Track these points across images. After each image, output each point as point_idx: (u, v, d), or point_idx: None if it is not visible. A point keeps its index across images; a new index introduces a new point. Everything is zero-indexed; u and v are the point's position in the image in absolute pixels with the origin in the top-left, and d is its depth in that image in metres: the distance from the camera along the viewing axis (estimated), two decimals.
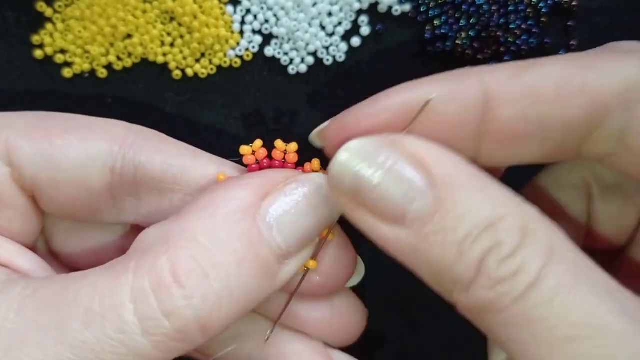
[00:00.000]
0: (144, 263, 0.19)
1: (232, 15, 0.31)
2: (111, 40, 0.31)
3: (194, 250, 0.19)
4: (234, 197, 0.20)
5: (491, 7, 0.31)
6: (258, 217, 0.19)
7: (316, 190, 0.21)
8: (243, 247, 0.19)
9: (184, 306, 0.18)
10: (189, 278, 0.18)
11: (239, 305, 0.19)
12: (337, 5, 0.31)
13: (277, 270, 0.20)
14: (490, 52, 0.31)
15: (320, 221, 0.21)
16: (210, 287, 0.18)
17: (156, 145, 0.23)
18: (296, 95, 0.32)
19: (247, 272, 0.19)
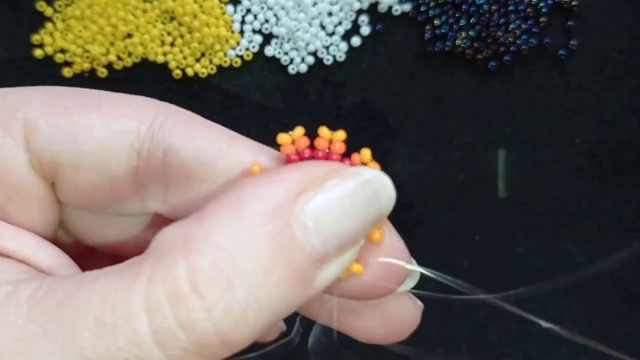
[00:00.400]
0: (159, 269, 0.17)
1: (232, 14, 0.31)
2: (111, 39, 0.31)
3: (215, 256, 0.17)
4: (265, 194, 0.18)
5: (491, 7, 0.31)
6: (292, 217, 0.17)
7: (363, 187, 0.18)
8: (273, 251, 0.17)
9: (203, 319, 0.16)
10: (209, 287, 0.16)
11: (267, 315, 0.17)
12: (337, 5, 0.31)
13: (314, 276, 0.17)
14: (490, 52, 0.31)
15: (366, 222, 0.18)
16: (233, 297, 0.16)
17: (189, 127, 0.20)
18: (296, 95, 0.32)
19: (277, 280, 0.17)
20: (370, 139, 0.33)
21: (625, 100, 0.32)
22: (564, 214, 0.34)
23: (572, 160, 0.33)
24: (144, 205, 0.22)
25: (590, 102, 0.32)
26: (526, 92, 0.32)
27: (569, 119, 0.32)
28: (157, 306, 0.16)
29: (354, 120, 0.33)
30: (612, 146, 0.33)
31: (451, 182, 0.33)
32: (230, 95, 0.32)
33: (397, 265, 0.20)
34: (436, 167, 0.33)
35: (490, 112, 0.32)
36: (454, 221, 0.33)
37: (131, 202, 0.22)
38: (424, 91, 0.32)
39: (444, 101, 0.32)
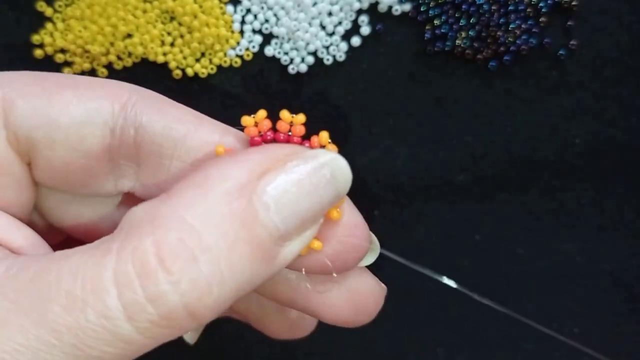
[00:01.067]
0: (128, 245, 0.18)
1: (232, 14, 0.31)
2: (111, 39, 0.31)
3: (181, 232, 0.17)
4: (229, 175, 0.19)
5: (491, 7, 0.31)
6: (254, 197, 0.18)
7: (320, 168, 0.19)
8: (236, 228, 0.18)
9: (170, 292, 0.17)
10: (176, 262, 0.17)
11: (232, 289, 0.18)
12: (337, 5, 0.31)
13: (276, 253, 0.18)
14: (490, 52, 0.31)
15: (324, 202, 0.19)
16: (199, 271, 0.17)
17: (159, 106, 0.21)
18: (296, 95, 0.32)
19: (240, 256, 0.18)
20: (370, 139, 0.33)
21: (625, 100, 0.32)
22: (564, 214, 0.34)
23: (572, 159, 0.33)
24: (117, 184, 0.23)
25: (590, 102, 0.32)
26: (526, 92, 0.32)
27: (569, 119, 0.32)
28: (126, 280, 0.17)
29: (353, 120, 0.33)
30: (612, 146, 0.33)
31: (451, 182, 0.33)
32: (230, 95, 0.32)
33: (356, 241, 0.21)
34: (436, 167, 0.33)
35: (490, 112, 0.32)
36: (454, 221, 0.33)
37: (105, 181, 0.22)
38: (424, 91, 0.32)
39: (444, 101, 0.32)
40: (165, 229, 0.18)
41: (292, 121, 0.21)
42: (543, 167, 0.33)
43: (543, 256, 0.34)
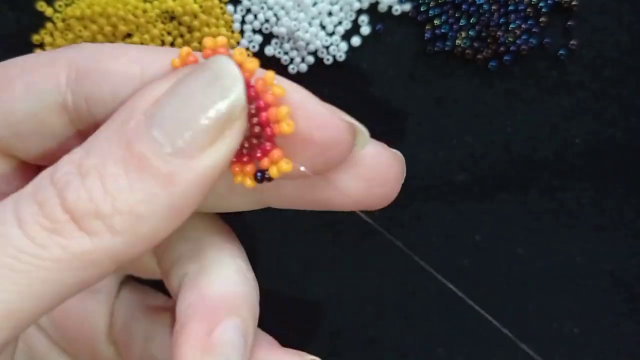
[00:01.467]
0: (32, 183, 0.18)
1: (232, 14, 0.31)
2: (111, 39, 0.31)
3: (73, 156, 0.17)
4: (127, 105, 0.18)
5: (491, 7, 0.31)
6: (141, 118, 0.17)
7: (199, 72, 0.17)
8: (121, 149, 0.17)
9: (53, 198, 0.17)
10: (62, 177, 0.17)
11: (135, 217, 0.17)
12: (337, 5, 0.31)
13: (171, 171, 0.17)
14: (490, 52, 0.31)
15: (210, 106, 0.17)
16: (83, 186, 0.17)
17: (99, 66, 0.19)
18: None
19: (126, 175, 0.17)
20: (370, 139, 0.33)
21: (625, 100, 0.32)
22: (564, 214, 0.34)
23: (572, 159, 0.33)
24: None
25: (590, 102, 0.32)
26: (526, 92, 0.32)
27: (569, 119, 0.32)
28: (20, 197, 0.17)
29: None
30: (612, 146, 0.33)
31: (451, 182, 0.33)
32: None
33: (329, 138, 0.19)
34: (436, 167, 0.33)
35: (490, 112, 0.32)
36: (454, 221, 0.33)
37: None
38: (424, 91, 0.32)
39: (444, 101, 0.32)
40: (63, 159, 0.17)
41: (216, 44, 0.18)
42: (543, 167, 0.33)
43: (543, 256, 0.34)
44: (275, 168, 0.19)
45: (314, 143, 0.19)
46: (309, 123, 0.18)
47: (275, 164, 0.19)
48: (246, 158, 0.19)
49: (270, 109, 0.18)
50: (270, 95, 0.18)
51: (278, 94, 0.18)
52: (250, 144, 0.19)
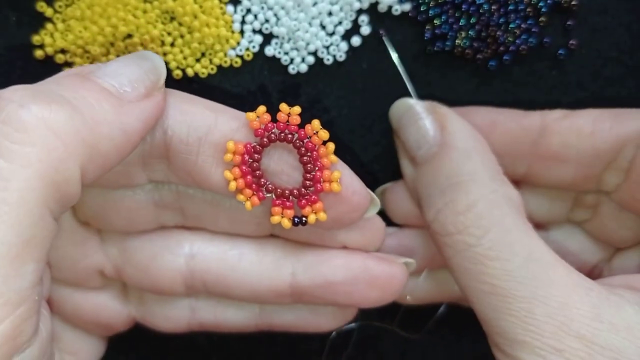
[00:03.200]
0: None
1: (232, 14, 0.31)
2: (111, 40, 0.31)
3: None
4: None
5: (491, 7, 0.31)
6: (94, 76, 0.23)
7: (135, 54, 0.26)
8: (92, 92, 0.22)
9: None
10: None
11: (96, 118, 0.22)
12: (338, 5, 0.31)
13: (122, 102, 0.23)
14: (490, 52, 0.31)
15: (142, 69, 0.24)
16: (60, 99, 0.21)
17: (181, 107, 0.25)
18: (296, 94, 0.32)
19: (95, 102, 0.22)
20: (370, 139, 0.33)
21: (624, 100, 0.32)
22: None
23: None
24: (149, 177, 0.27)
25: (590, 101, 0.32)
26: (526, 91, 0.32)
27: None
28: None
29: (354, 120, 0.33)
30: None
31: None
32: (231, 95, 0.32)
33: (358, 202, 0.26)
34: None
35: None
36: None
37: (138, 177, 0.26)
38: (424, 91, 0.32)
39: (444, 101, 0.32)
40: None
41: (290, 112, 0.25)
42: None
43: None
44: (314, 216, 0.25)
45: (350, 203, 0.26)
46: (349, 188, 0.26)
47: (316, 213, 0.25)
48: (289, 203, 0.25)
49: (325, 170, 0.25)
50: (327, 160, 0.25)
51: (333, 161, 0.25)
52: (299, 192, 0.25)
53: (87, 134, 0.21)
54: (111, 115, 0.22)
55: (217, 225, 0.29)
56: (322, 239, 0.28)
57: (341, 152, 0.26)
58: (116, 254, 0.29)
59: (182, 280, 0.29)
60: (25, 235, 0.20)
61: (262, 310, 0.31)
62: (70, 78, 0.23)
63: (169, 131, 0.25)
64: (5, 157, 0.20)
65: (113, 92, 0.23)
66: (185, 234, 0.29)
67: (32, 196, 0.20)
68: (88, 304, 0.30)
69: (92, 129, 0.21)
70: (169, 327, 0.31)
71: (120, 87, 0.23)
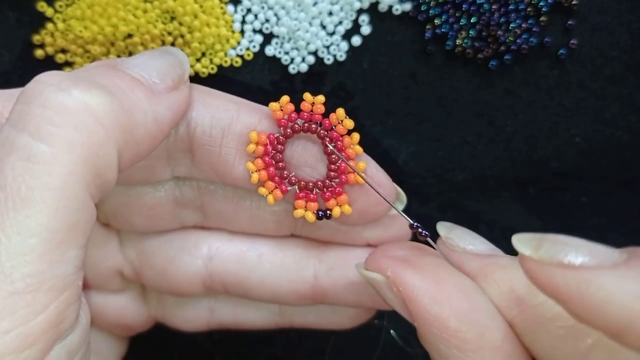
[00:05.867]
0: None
1: (232, 14, 0.31)
2: (112, 39, 0.31)
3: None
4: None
5: (491, 6, 0.31)
6: (123, 67, 0.23)
7: (165, 48, 0.26)
8: (123, 81, 0.22)
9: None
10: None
11: (133, 105, 0.22)
12: (338, 5, 0.31)
13: (153, 92, 0.23)
14: (490, 51, 0.31)
15: (169, 64, 0.25)
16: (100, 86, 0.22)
17: (203, 99, 0.25)
18: (297, 94, 0.32)
19: (128, 90, 0.22)
20: (371, 139, 0.33)
21: (625, 99, 0.32)
22: (564, 214, 0.34)
23: (572, 159, 0.33)
24: (173, 172, 0.27)
25: (590, 101, 0.32)
26: (526, 91, 0.32)
27: (569, 118, 0.32)
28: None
29: (354, 120, 0.33)
30: (612, 145, 0.33)
31: (451, 182, 0.33)
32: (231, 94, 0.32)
33: (391, 193, 0.26)
34: (436, 167, 0.33)
35: (490, 111, 0.32)
36: (454, 221, 0.33)
37: (162, 171, 0.26)
38: (424, 91, 0.32)
39: (444, 101, 0.32)
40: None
41: (314, 101, 0.25)
42: (543, 167, 0.33)
43: None
44: (338, 209, 0.25)
45: (374, 196, 0.25)
46: (374, 179, 0.25)
47: (341, 206, 0.25)
48: (313, 195, 0.25)
49: (350, 161, 0.24)
50: (352, 151, 0.24)
51: (358, 152, 0.24)
52: (323, 184, 0.25)
53: (124, 120, 0.21)
54: (145, 103, 0.22)
55: (237, 224, 0.28)
56: (345, 237, 0.28)
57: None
58: (134, 256, 0.29)
59: (200, 282, 0.29)
60: (69, 221, 0.19)
61: (283, 310, 0.30)
62: (101, 68, 0.23)
63: (193, 123, 0.25)
64: (47, 141, 0.19)
65: (143, 82, 0.23)
66: (204, 234, 0.29)
67: (75, 181, 0.19)
68: (110, 306, 0.30)
69: (128, 115, 0.21)
70: (189, 328, 0.31)
71: (150, 79, 0.23)
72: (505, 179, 0.33)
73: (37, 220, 0.19)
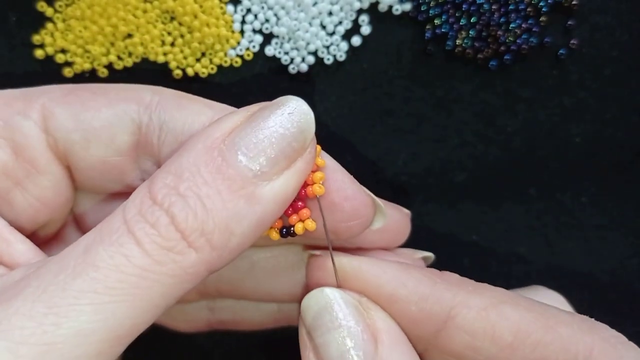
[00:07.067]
0: (130, 200, 0.20)
1: (232, 14, 0.31)
2: (112, 39, 0.31)
3: (167, 180, 0.20)
4: (206, 135, 0.21)
5: (491, 6, 0.31)
6: (222, 146, 0.20)
7: (280, 111, 0.21)
8: (212, 171, 0.20)
9: (163, 216, 0.19)
10: (164, 198, 0.20)
11: (221, 221, 0.20)
12: (338, 5, 0.31)
13: (254, 191, 0.20)
14: (490, 51, 0.31)
15: (288, 139, 0.21)
16: (184, 202, 0.20)
17: (178, 103, 0.24)
18: (297, 94, 0.32)
19: (219, 192, 0.20)
20: (371, 139, 0.33)
21: (625, 100, 0.32)
22: (564, 214, 0.34)
23: (572, 159, 0.33)
24: (142, 177, 0.25)
25: (590, 101, 0.32)
26: (526, 91, 0.32)
27: (569, 118, 0.32)
28: (132, 217, 0.19)
29: (354, 120, 0.33)
30: (612, 145, 0.33)
31: (451, 182, 0.33)
32: (231, 95, 0.32)
33: (353, 210, 0.23)
34: (436, 167, 0.33)
35: (490, 111, 0.32)
36: (454, 221, 0.33)
37: (132, 176, 0.25)
38: (424, 91, 0.32)
39: (444, 101, 0.32)
40: (154, 179, 0.20)
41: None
42: (543, 167, 0.33)
43: (543, 256, 0.34)
44: (301, 225, 0.23)
45: (342, 210, 0.23)
46: (340, 193, 0.23)
47: (302, 221, 0.23)
48: None
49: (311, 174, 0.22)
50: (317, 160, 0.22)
51: (319, 164, 0.22)
52: None
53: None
54: (244, 223, 0.20)
55: None
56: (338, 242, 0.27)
57: (341, 152, 0.26)
58: None
59: (194, 291, 0.28)
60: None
61: (281, 306, 0.30)
62: (206, 160, 0.20)
63: (165, 126, 0.24)
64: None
65: (248, 187, 0.20)
66: None
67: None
68: None
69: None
70: (190, 328, 0.31)
71: (259, 170, 0.20)
72: (505, 179, 0.33)
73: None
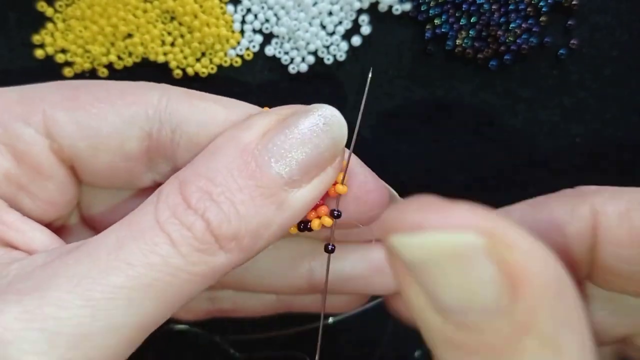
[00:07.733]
0: (161, 199, 0.20)
1: (232, 14, 0.31)
2: (112, 39, 0.31)
3: (200, 183, 0.20)
4: (237, 138, 0.21)
5: (491, 6, 0.31)
6: (256, 152, 0.20)
7: (315, 118, 0.21)
8: (244, 178, 0.20)
9: (198, 221, 0.20)
10: (199, 203, 0.20)
11: (251, 226, 0.20)
12: (338, 5, 0.31)
13: (284, 198, 0.21)
14: (490, 51, 0.31)
15: (321, 148, 0.21)
16: (219, 209, 0.20)
17: (188, 102, 0.23)
18: (297, 94, 0.32)
19: (250, 198, 0.20)
20: (371, 139, 0.33)
21: (625, 100, 0.32)
22: None
23: (572, 159, 0.33)
24: (154, 178, 0.25)
25: (590, 101, 0.32)
26: (526, 91, 0.32)
27: (569, 118, 0.32)
28: (165, 220, 0.20)
29: (354, 120, 0.33)
30: (612, 145, 0.33)
31: (451, 182, 0.33)
32: (231, 95, 0.32)
33: (375, 201, 0.24)
34: (436, 167, 0.33)
35: (490, 111, 0.32)
36: None
37: (143, 177, 0.25)
38: (424, 91, 0.32)
39: (444, 101, 0.32)
40: (186, 181, 0.20)
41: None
42: (543, 167, 0.33)
43: None
44: (318, 221, 0.23)
45: (365, 203, 0.23)
46: (362, 187, 0.23)
47: (319, 217, 0.23)
48: None
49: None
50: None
51: (343, 164, 0.22)
52: None
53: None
54: (272, 228, 0.21)
55: None
56: (344, 234, 0.27)
57: None
58: None
59: None
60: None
61: (281, 296, 0.31)
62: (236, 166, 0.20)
63: (178, 129, 0.23)
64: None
65: (280, 194, 0.21)
66: None
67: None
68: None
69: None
70: (190, 318, 0.31)
71: (289, 177, 0.21)
72: (505, 179, 0.33)
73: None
